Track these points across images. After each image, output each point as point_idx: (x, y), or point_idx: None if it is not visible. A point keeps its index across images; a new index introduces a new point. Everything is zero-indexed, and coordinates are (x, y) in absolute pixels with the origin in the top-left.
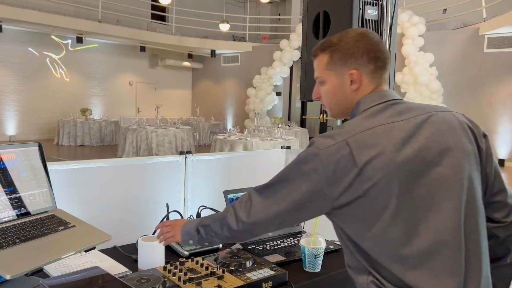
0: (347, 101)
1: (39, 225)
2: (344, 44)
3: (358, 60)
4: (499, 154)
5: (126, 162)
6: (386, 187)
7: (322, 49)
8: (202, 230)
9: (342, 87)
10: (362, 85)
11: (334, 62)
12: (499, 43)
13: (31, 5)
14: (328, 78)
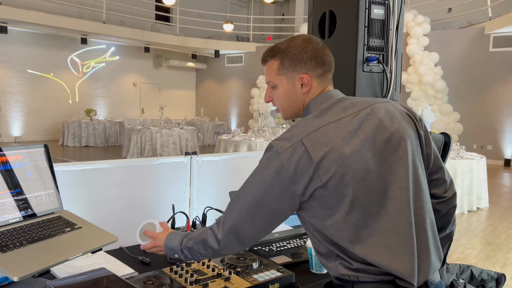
0: (299, 103)
1: (46, 226)
2: (293, 50)
3: (307, 65)
4: (505, 154)
5: (131, 163)
6: (341, 178)
7: (272, 55)
8: (187, 252)
9: (294, 91)
10: (312, 88)
11: (285, 67)
12: (504, 42)
13: (36, 6)
14: (280, 82)
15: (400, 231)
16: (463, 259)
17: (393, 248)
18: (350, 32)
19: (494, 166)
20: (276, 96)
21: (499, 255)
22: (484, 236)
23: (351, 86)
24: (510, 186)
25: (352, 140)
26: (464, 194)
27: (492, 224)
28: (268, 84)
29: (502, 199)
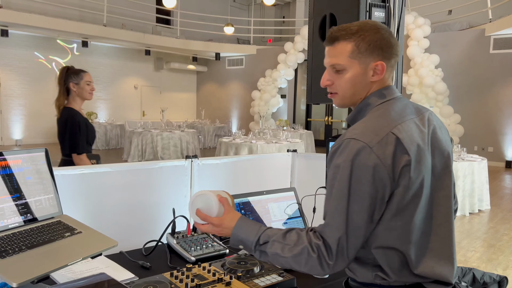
0: (363, 91)
1: (46, 231)
2: (370, 35)
3: (384, 53)
4: (506, 156)
5: (132, 167)
6: (422, 177)
7: (346, 37)
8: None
9: (363, 77)
10: (383, 77)
11: (360, 52)
12: (505, 44)
13: (37, 9)
14: (351, 66)
15: (444, 236)
16: (465, 262)
17: (436, 252)
18: None
19: (496, 168)
20: (340, 80)
21: (501, 257)
22: (486, 238)
23: None
24: (511, 188)
25: (424, 142)
26: (465, 196)
27: (494, 227)
28: (332, 67)
29: (504, 201)
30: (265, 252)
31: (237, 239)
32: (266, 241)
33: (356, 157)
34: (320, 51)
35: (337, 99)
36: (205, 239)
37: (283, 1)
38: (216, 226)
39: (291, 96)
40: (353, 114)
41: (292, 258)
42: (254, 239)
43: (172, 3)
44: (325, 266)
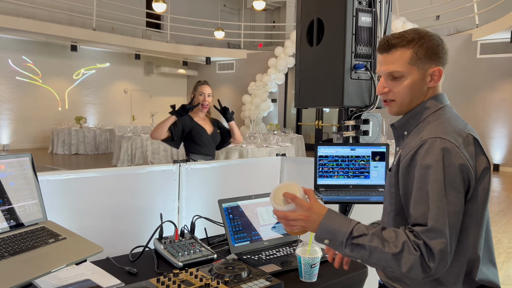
0: (420, 97)
1: (29, 237)
2: (427, 42)
3: (440, 59)
4: (494, 159)
5: (119, 172)
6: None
7: (404, 44)
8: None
9: (422, 83)
10: (438, 83)
11: (419, 58)
12: (492, 49)
13: (25, 13)
14: (410, 73)
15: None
16: None
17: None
18: (337, 39)
19: None
20: (399, 87)
21: None
22: None
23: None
24: (499, 191)
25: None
26: None
27: None
28: (388, 74)
29: (492, 204)
30: (361, 245)
31: (326, 230)
32: (363, 234)
33: (446, 156)
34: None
35: (394, 106)
36: (193, 244)
37: (273, 6)
38: (305, 210)
39: (282, 101)
40: (406, 119)
41: (393, 255)
42: (347, 230)
43: (162, 7)
44: (426, 268)
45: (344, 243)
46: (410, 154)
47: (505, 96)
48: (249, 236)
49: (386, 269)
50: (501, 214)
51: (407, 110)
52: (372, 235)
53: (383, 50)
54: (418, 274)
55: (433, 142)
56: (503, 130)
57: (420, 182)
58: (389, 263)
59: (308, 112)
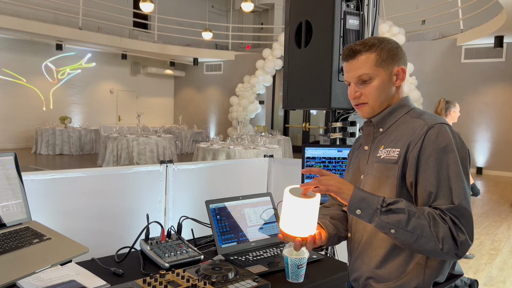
0: (390, 96)
1: (13, 238)
2: (388, 44)
3: (401, 59)
4: (477, 162)
5: (105, 172)
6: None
7: (367, 49)
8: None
9: (389, 83)
10: (404, 82)
11: (383, 59)
12: (476, 54)
13: (9, 11)
14: (377, 74)
15: None
16: None
17: None
18: (325, 42)
19: None
20: (369, 89)
21: (471, 261)
22: None
23: (327, 96)
24: (482, 194)
25: None
26: None
27: None
28: (358, 78)
29: (474, 207)
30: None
31: (359, 196)
32: (397, 201)
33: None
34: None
35: (367, 108)
36: (180, 245)
37: (262, 8)
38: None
39: (269, 102)
40: (382, 116)
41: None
42: (379, 198)
43: (150, 7)
44: (458, 240)
45: (379, 209)
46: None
47: (488, 101)
48: (236, 237)
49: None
50: (484, 216)
51: (378, 110)
52: (407, 202)
53: (349, 57)
54: (451, 246)
55: (440, 127)
56: (486, 134)
57: (437, 165)
58: (425, 231)
59: (296, 114)
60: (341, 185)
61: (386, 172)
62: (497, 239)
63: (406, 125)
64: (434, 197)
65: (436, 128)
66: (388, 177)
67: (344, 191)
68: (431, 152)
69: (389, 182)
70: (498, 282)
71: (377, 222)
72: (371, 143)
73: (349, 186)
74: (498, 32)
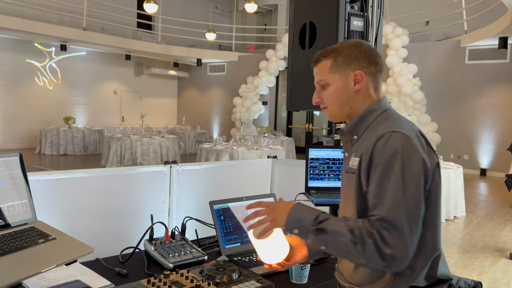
0: (350, 102)
1: (18, 237)
2: (346, 49)
3: (361, 63)
4: (481, 164)
5: (109, 172)
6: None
7: (325, 55)
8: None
9: (346, 88)
10: (364, 86)
11: (338, 65)
12: (480, 55)
13: (14, 12)
14: (332, 80)
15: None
16: None
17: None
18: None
19: (471, 176)
20: (326, 94)
21: (475, 263)
22: (461, 244)
23: None
24: (486, 195)
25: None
26: (441, 203)
27: (469, 233)
28: (318, 84)
29: (478, 208)
30: (325, 229)
31: (293, 218)
32: (328, 218)
33: (404, 149)
34: (300, 58)
35: (328, 112)
36: (184, 245)
37: (265, 9)
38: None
39: (273, 103)
40: (354, 123)
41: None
42: (312, 216)
43: (154, 8)
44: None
45: (311, 227)
46: (369, 151)
47: (492, 102)
48: (240, 237)
49: (348, 258)
50: (488, 218)
51: (342, 114)
52: (335, 219)
53: (313, 64)
54: (377, 260)
55: (389, 136)
56: (490, 135)
57: (380, 175)
58: (350, 248)
59: (299, 115)
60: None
61: (349, 181)
62: (501, 241)
63: (372, 132)
64: (372, 208)
65: (385, 137)
66: (351, 187)
67: (278, 219)
68: (378, 162)
69: (351, 192)
70: (502, 284)
71: (311, 240)
72: (349, 150)
73: (284, 209)
74: (502, 33)
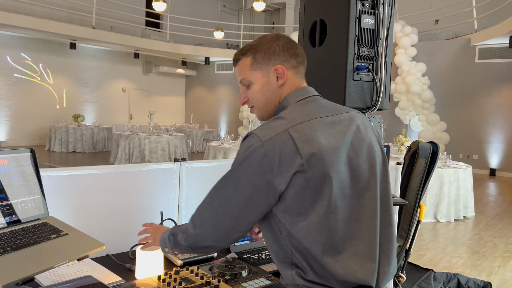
0: (275, 98)
1: (31, 233)
2: (264, 44)
3: (280, 56)
4: (491, 164)
5: (120, 169)
6: (324, 177)
7: (243, 53)
8: (172, 238)
9: (269, 84)
10: (287, 80)
11: (258, 62)
12: (490, 54)
13: (24, 10)
14: (255, 77)
15: (368, 239)
16: (449, 268)
17: (361, 255)
18: (340, 41)
19: (480, 176)
20: (251, 93)
21: (485, 263)
22: (470, 244)
23: (341, 95)
24: (495, 196)
25: (335, 141)
26: (450, 203)
27: (478, 233)
28: (242, 84)
29: (488, 208)
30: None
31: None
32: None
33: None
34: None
35: (256, 111)
36: None
37: (273, 7)
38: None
39: None
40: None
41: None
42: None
43: (162, 6)
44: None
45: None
46: None
47: (502, 101)
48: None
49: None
50: (497, 218)
51: (268, 113)
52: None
53: (233, 64)
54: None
55: (248, 137)
56: (499, 135)
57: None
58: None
59: None
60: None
61: None
62: (511, 242)
63: None
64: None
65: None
66: None
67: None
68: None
69: None
70: (511, 285)
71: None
72: None
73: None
74: None
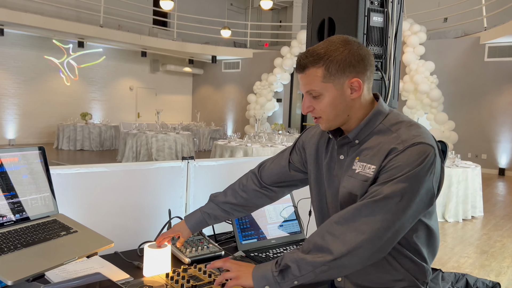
0: (347, 110)
1: (41, 230)
2: (337, 54)
3: (356, 68)
4: (500, 163)
5: (128, 167)
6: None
7: (314, 62)
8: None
9: (342, 97)
10: (363, 92)
11: (332, 74)
12: (499, 52)
13: (33, 9)
14: (326, 90)
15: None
16: (458, 268)
17: None
18: None
19: (489, 175)
20: (320, 105)
21: (493, 264)
22: (479, 245)
23: None
24: (504, 195)
25: None
26: (459, 202)
27: (487, 233)
28: (308, 93)
29: (497, 208)
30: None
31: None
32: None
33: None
34: None
35: (322, 122)
36: (201, 240)
37: (280, 5)
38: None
39: (287, 100)
40: (359, 128)
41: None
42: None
43: (169, 5)
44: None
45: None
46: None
47: (511, 100)
48: (257, 233)
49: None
50: (507, 218)
51: (338, 123)
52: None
53: (298, 70)
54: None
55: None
56: (509, 135)
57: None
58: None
59: None
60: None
61: (359, 188)
62: None
63: (382, 137)
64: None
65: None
66: (358, 195)
67: (243, 280)
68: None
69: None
70: None
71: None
72: (346, 154)
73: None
74: None
